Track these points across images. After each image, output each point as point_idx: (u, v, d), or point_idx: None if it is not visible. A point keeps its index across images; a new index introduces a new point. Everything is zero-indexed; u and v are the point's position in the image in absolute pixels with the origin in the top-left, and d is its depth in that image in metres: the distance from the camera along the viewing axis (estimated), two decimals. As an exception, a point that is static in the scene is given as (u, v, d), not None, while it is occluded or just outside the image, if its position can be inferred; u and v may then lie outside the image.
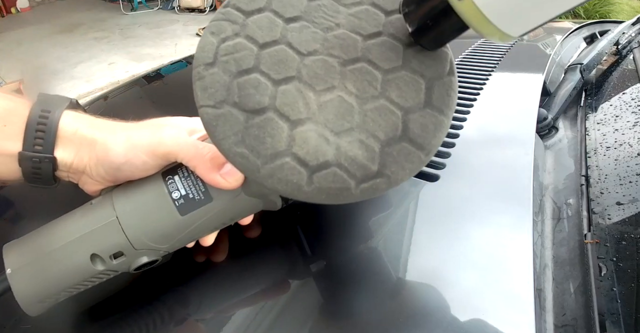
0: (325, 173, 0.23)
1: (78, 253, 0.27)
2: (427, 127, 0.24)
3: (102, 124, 0.29)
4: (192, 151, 0.27)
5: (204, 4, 4.41)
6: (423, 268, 0.31)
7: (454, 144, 0.44)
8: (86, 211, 0.28)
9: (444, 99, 0.25)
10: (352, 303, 0.29)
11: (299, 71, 0.24)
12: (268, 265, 0.33)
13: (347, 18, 0.26)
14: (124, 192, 0.28)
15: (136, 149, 0.27)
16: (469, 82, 0.59)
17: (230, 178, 0.27)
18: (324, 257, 0.33)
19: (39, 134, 0.26)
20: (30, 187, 0.29)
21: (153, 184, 0.28)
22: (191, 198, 0.28)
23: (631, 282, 0.30)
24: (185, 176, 0.28)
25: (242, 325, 0.28)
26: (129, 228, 0.27)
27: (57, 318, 0.31)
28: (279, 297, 0.30)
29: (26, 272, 0.26)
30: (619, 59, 0.73)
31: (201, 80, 0.24)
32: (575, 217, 0.39)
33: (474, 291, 0.28)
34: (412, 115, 0.24)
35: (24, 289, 0.26)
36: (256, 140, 0.22)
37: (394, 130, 0.24)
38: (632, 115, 0.50)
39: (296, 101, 0.24)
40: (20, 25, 4.10)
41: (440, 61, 0.26)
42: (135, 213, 0.27)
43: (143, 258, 0.28)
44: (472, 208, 0.36)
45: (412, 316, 0.27)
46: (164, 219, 0.27)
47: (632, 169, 0.41)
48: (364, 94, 0.24)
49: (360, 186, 0.23)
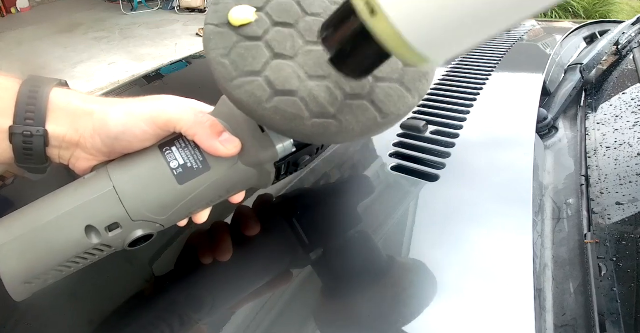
0: (287, 99, 0.25)
1: (72, 225, 0.26)
2: (392, 97, 0.27)
3: (96, 98, 0.29)
4: (192, 119, 0.27)
5: (204, 4, 4.40)
6: (423, 267, 0.31)
7: (454, 144, 0.44)
8: (80, 184, 0.28)
9: (414, 82, 0.28)
10: (351, 304, 0.29)
11: (297, 22, 0.28)
12: (269, 261, 0.33)
13: None
14: (119, 164, 0.28)
15: (136, 118, 0.27)
16: (469, 82, 0.59)
17: (229, 145, 0.28)
18: (323, 257, 0.33)
19: (29, 107, 0.26)
20: (31, 185, 0.28)
21: (150, 155, 0.28)
22: (189, 167, 0.28)
23: (631, 282, 0.30)
24: (183, 147, 0.29)
25: (248, 318, 0.28)
26: (126, 198, 0.27)
27: (57, 318, 0.31)
28: (282, 289, 0.30)
29: (14, 247, 0.25)
30: (619, 59, 0.73)
31: (216, 4, 0.27)
32: (575, 217, 0.39)
33: (474, 291, 0.28)
34: (381, 83, 0.27)
35: (11, 267, 0.25)
36: (239, 57, 0.26)
37: (361, 89, 0.27)
38: (632, 115, 0.50)
39: (285, 41, 0.27)
40: (20, 25, 4.10)
41: None
42: (133, 183, 0.27)
43: (138, 231, 0.27)
44: (472, 209, 0.36)
45: (412, 315, 0.27)
46: (163, 188, 0.27)
47: (632, 169, 0.41)
48: None
49: (313, 120, 0.25)
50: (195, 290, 0.31)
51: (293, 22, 0.28)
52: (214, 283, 0.32)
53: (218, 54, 0.26)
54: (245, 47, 0.26)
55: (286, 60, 0.26)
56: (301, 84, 0.26)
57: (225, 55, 0.26)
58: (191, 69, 0.82)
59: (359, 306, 0.28)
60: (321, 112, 0.26)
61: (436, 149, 0.44)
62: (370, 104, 0.27)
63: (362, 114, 0.26)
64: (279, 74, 0.26)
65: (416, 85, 0.28)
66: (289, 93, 0.25)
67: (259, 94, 0.25)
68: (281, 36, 0.27)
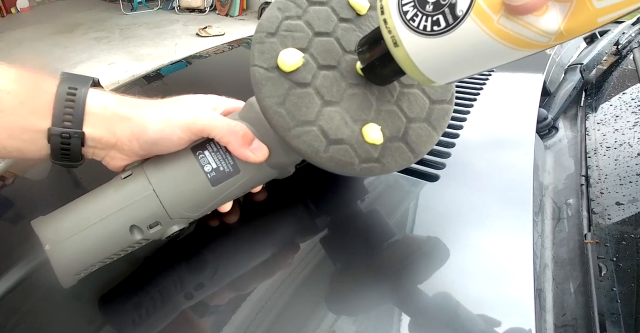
0: (339, 148, 0.28)
1: (118, 226, 0.29)
2: (422, 136, 0.31)
3: (130, 101, 0.30)
4: (226, 129, 0.29)
5: (204, 4, 4.40)
6: (423, 267, 0.31)
7: (454, 144, 0.44)
8: (120, 186, 0.30)
9: (439, 119, 0.32)
10: (350, 304, 0.29)
11: (339, 63, 0.29)
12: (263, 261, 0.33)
13: None
14: (156, 167, 0.30)
15: (173, 125, 0.29)
16: (469, 82, 0.59)
17: (258, 153, 0.30)
18: (323, 257, 0.33)
19: (67, 110, 0.27)
20: (31, 185, 0.29)
21: (185, 159, 0.30)
22: (221, 170, 0.31)
23: (631, 282, 0.30)
24: (215, 151, 0.31)
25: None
26: (165, 200, 0.29)
27: (57, 318, 0.31)
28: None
29: (65, 247, 0.28)
30: (619, 59, 0.73)
31: (261, 44, 0.28)
32: (575, 217, 0.39)
33: (474, 291, 0.28)
34: (413, 124, 0.31)
35: (63, 264, 0.28)
36: (294, 106, 0.27)
37: (397, 131, 0.30)
38: (632, 115, 0.50)
39: (332, 87, 0.29)
40: (20, 25, 4.10)
41: (446, 90, 0.33)
42: (171, 186, 0.30)
43: (175, 226, 0.30)
44: (472, 209, 0.36)
45: (412, 315, 0.27)
46: (198, 190, 0.30)
47: (632, 169, 0.41)
48: (382, 97, 0.30)
49: (362, 165, 0.29)
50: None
51: (336, 64, 0.29)
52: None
53: (273, 102, 0.27)
54: (298, 95, 0.28)
55: (334, 106, 0.29)
56: (349, 130, 0.29)
57: (280, 104, 0.27)
58: (191, 69, 0.82)
59: (358, 306, 0.28)
60: (367, 157, 0.29)
61: (436, 149, 0.44)
62: (405, 145, 0.30)
63: (400, 156, 0.30)
64: (331, 123, 0.28)
65: (440, 123, 0.32)
66: (341, 142, 0.28)
67: (316, 145, 0.27)
68: (328, 81, 0.29)
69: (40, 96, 0.27)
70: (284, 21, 0.28)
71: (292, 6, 0.29)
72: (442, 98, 0.32)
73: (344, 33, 0.30)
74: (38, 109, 0.27)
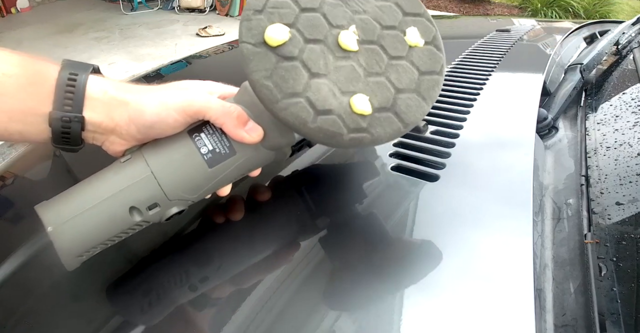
0: (327, 118, 0.29)
1: (118, 207, 0.29)
2: (411, 106, 0.31)
3: (128, 86, 0.31)
4: (220, 110, 0.30)
5: (204, 4, 4.40)
6: (422, 267, 0.31)
7: (454, 144, 0.44)
8: (119, 169, 0.30)
9: (429, 90, 0.32)
10: (350, 301, 0.29)
11: (326, 37, 0.30)
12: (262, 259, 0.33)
13: (373, 8, 0.32)
14: (153, 150, 0.31)
15: (169, 108, 0.29)
16: (469, 82, 0.59)
17: (253, 134, 0.31)
18: (322, 256, 0.33)
19: (68, 94, 0.28)
20: (31, 185, 0.29)
21: (182, 141, 0.31)
22: (217, 152, 0.31)
23: (631, 282, 0.30)
24: (211, 133, 0.31)
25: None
26: (164, 181, 0.30)
27: (57, 318, 0.31)
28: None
29: (67, 229, 0.29)
30: (619, 59, 0.73)
31: (248, 21, 0.29)
32: (575, 217, 0.39)
33: (474, 291, 0.28)
34: (401, 94, 0.31)
35: (66, 245, 0.29)
36: (281, 79, 0.28)
37: (386, 102, 0.31)
38: (632, 115, 0.50)
39: (319, 59, 0.29)
40: (20, 25, 4.09)
41: (435, 62, 0.33)
42: (169, 168, 0.30)
43: (174, 208, 0.31)
44: (472, 209, 0.36)
45: (411, 314, 0.27)
46: (195, 172, 0.31)
47: (632, 169, 0.41)
48: (370, 69, 0.31)
49: (350, 135, 0.29)
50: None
51: (322, 38, 0.30)
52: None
53: (261, 76, 0.28)
54: (285, 68, 0.28)
55: (322, 78, 0.29)
56: (337, 101, 0.29)
57: (267, 78, 0.28)
58: (191, 69, 0.82)
59: (357, 307, 0.28)
60: (356, 127, 0.29)
61: (436, 149, 0.44)
62: (394, 115, 0.31)
63: (389, 126, 0.30)
64: (319, 94, 0.29)
65: (430, 94, 0.32)
66: (329, 112, 0.29)
67: (303, 115, 0.28)
68: (314, 54, 0.29)
69: (42, 81, 0.28)
70: None
71: None
72: (432, 69, 0.32)
73: (331, 9, 0.31)
74: (40, 93, 0.28)
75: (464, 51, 0.73)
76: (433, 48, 0.33)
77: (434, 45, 0.33)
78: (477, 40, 0.79)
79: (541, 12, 4.25)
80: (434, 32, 0.33)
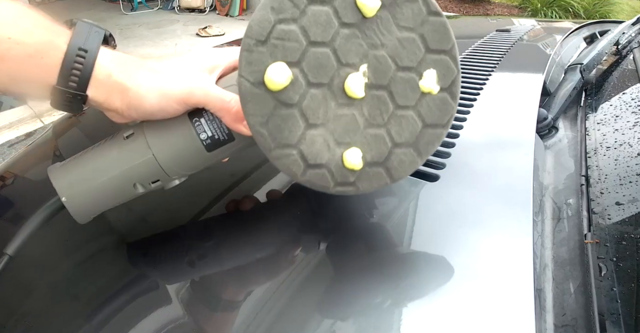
0: (316, 172, 0.28)
1: (123, 183, 0.32)
2: (404, 162, 0.30)
3: (132, 67, 0.30)
4: (220, 104, 0.30)
5: (204, 4, 4.40)
6: (422, 267, 0.31)
7: (454, 144, 0.44)
8: (122, 147, 0.32)
9: (427, 145, 0.30)
10: (349, 300, 0.29)
11: (332, 80, 0.28)
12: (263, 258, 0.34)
13: (394, 41, 0.28)
14: (155, 132, 0.32)
15: (169, 99, 0.30)
16: (469, 82, 0.59)
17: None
18: (322, 256, 0.33)
19: (75, 71, 0.28)
20: (31, 185, 0.29)
21: (182, 126, 0.32)
22: (216, 138, 0.32)
23: (631, 282, 0.30)
24: (211, 120, 0.32)
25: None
26: (164, 162, 0.32)
27: (57, 318, 0.31)
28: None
29: (78, 200, 0.32)
30: (619, 59, 0.73)
31: (249, 53, 0.26)
32: (575, 217, 0.39)
33: (474, 291, 0.28)
34: (397, 149, 0.29)
35: (79, 212, 0.33)
36: (277, 129, 0.27)
37: (380, 156, 0.29)
38: (632, 115, 0.50)
39: (319, 107, 0.28)
40: (20, 25, 4.09)
41: (444, 113, 0.29)
42: (169, 151, 0.32)
43: (175, 181, 0.34)
44: (472, 209, 0.36)
45: (411, 315, 0.27)
46: (194, 155, 0.32)
47: (632, 169, 0.41)
48: (372, 119, 0.29)
49: (336, 188, 0.29)
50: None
51: (327, 81, 0.28)
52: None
53: (257, 122, 0.27)
54: (282, 117, 0.27)
55: (318, 129, 0.28)
56: (330, 153, 0.28)
57: (263, 124, 0.27)
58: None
59: (357, 306, 0.28)
60: (343, 181, 0.29)
61: (436, 149, 0.44)
62: (384, 171, 0.29)
63: (376, 181, 0.30)
64: (312, 147, 0.28)
65: (427, 148, 0.30)
66: (319, 166, 0.28)
67: (294, 169, 0.28)
68: (315, 102, 0.28)
69: (50, 52, 0.27)
70: (276, 25, 0.26)
71: (289, 5, 0.26)
72: (438, 122, 0.29)
73: (344, 42, 0.27)
74: (46, 64, 0.27)
75: (464, 51, 0.73)
76: (447, 96, 0.29)
77: (449, 93, 0.29)
78: (477, 40, 0.79)
79: (541, 12, 4.25)
80: (454, 76, 0.29)
